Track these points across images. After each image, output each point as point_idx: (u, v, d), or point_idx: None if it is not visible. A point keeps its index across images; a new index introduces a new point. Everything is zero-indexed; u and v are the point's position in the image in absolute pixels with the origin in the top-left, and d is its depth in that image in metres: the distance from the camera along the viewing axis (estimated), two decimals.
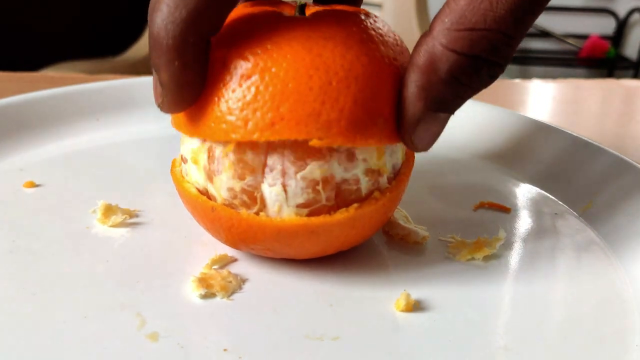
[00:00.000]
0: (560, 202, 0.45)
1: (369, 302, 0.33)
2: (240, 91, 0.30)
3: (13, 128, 0.51)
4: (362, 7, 0.40)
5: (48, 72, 1.01)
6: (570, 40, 2.79)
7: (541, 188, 0.47)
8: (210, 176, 0.33)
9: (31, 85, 0.65)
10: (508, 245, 0.39)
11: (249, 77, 0.30)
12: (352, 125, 0.30)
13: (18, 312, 0.31)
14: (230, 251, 0.37)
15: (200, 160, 0.34)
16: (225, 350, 0.29)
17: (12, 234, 0.38)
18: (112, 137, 0.53)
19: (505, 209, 0.44)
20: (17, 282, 0.34)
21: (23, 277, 0.34)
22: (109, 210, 0.40)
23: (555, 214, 0.44)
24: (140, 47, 1.27)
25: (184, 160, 0.35)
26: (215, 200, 0.33)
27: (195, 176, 0.34)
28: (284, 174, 0.32)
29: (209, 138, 0.32)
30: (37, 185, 0.44)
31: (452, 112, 0.31)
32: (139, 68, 1.20)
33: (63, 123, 0.54)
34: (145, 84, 0.60)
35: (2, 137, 0.50)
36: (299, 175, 0.32)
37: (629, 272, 0.37)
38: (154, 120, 0.56)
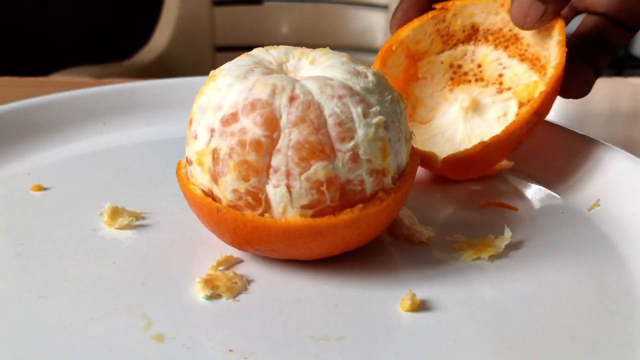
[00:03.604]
0: (567, 201, 0.45)
1: (374, 302, 0.33)
2: None
3: (21, 132, 0.51)
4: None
5: (56, 77, 1.02)
6: None
7: (548, 187, 0.47)
8: (215, 178, 0.33)
9: (39, 89, 0.66)
10: (514, 244, 0.39)
11: None
12: None
13: (25, 314, 0.32)
14: (235, 252, 0.37)
15: (205, 162, 0.34)
16: (230, 350, 0.30)
17: (19, 237, 0.39)
18: (118, 141, 0.54)
19: (511, 208, 0.43)
20: (24, 284, 0.34)
21: (30, 280, 0.34)
22: (116, 212, 0.40)
23: (562, 213, 0.43)
24: (148, 52, 1.28)
25: (189, 162, 0.36)
26: (220, 201, 0.34)
27: (201, 178, 0.34)
28: (288, 175, 0.32)
29: None
30: (44, 189, 0.45)
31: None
32: (146, 72, 1.21)
33: (70, 127, 0.54)
34: (151, 87, 0.60)
35: (11, 141, 0.50)
36: (303, 176, 0.32)
37: (636, 271, 0.37)
38: (160, 123, 0.56)
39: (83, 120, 0.55)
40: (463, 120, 0.46)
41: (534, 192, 0.46)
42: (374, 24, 1.30)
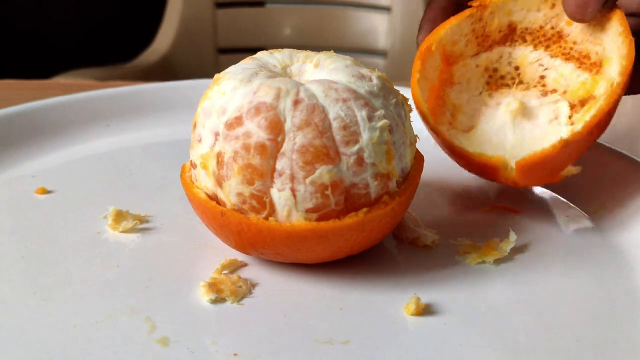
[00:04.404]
0: (572, 205, 0.45)
1: (379, 306, 0.33)
2: None
3: (25, 135, 0.52)
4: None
5: (59, 80, 1.02)
6: None
7: (552, 190, 0.46)
8: (219, 181, 0.33)
9: (43, 92, 0.66)
10: (519, 248, 0.39)
11: None
12: None
13: (29, 316, 0.32)
14: (240, 256, 0.37)
15: (209, 165, 0.34)
16: (235, 354, 0.29)
17: (24, 240, 0.39)
18: (122, 143, 0.54)
19: (515, 212, 0.43)
20: (28, 287, 0.34)
21: (34, 282, 0.34)
22: (120, 215, 0.40)
23: (567, 216, 0.43)
24: (151, 54, 1.28)
25: (193, 165, 0.36)
26: (224, 205, 0.34)
27: (205, 181, 0.34)
28: (292, 178, 0.32)
29: None
30: (48, 192, 0.45)
31: None
32: (149, 74, 1.21)
33: (74, 129, 0.54)
34: (155, 90, 0.60)
35: (15, 144, 0.50)
36: (307, 180, 0.32)
37: None
38: (164, 126, 0.57)
39: (87, 123, 0.55)
40: (512, 125, 0.42)
41: (538, 195, 0.46)
42: (377, 26, 1.30)
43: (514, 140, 0.42)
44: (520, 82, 0.44)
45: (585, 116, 0.38)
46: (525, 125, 0.42)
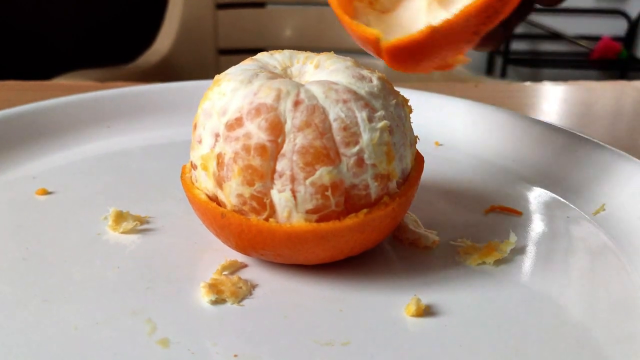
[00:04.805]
0: (572, 206, 0.45)
1: (379, 307, 0.33)
2: None
3: (26, 136, 0.52)
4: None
5: (60, 81, 1.02)
6: (581, 42, 2.77)
7: (553, 191, 0.47)
8: (219, 182, 0.33)
9: (43, 93, 0.66)
10: (519, 249, 0.39)
11: None
12: None
13: (30, 318, 0.32)
14: (240, 257, 0.37)
15: (209, 166, 0.34)
16: (235, 356, 0.29)
17: (24, 241, 0.39)
18: (123, 144, 0.54)
19: (516, 213, 0.43)
20: (29, 288, 0.34)
21: (35, 284, 0.34)
22: (120, 216, 0.40)
23: (568, 217, 0.43)
24: (152, 55, 1.28)
25: (193, 166, 0.36)
26: (225, 206, 0.34)
27: (205, 182, 0.34)
28: (293, 179, 0.32)
29: None
30: (49, 193, 0.45)
31: None
32: (150, 75, 1.21)
33: (75, 131, 0.54)
34: (155, 91, 0.60)
35: (15, 145, 0.50)
36: (308, 181, 0.32)
37: None
38: (165, 127, 0.57)
39: (87, 124, 0.55)
40: (426, 12, 0.38)
41: (539, 197, 0.46)
42: None
43: (424, 27, 0.38)
44: None
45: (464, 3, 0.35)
46: (440, 14, 0.38)
